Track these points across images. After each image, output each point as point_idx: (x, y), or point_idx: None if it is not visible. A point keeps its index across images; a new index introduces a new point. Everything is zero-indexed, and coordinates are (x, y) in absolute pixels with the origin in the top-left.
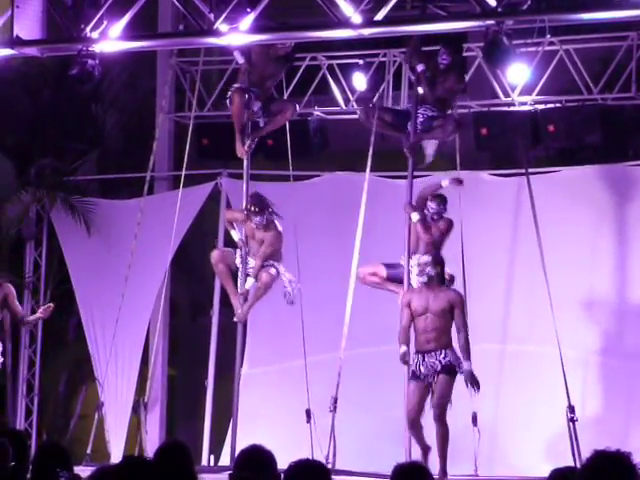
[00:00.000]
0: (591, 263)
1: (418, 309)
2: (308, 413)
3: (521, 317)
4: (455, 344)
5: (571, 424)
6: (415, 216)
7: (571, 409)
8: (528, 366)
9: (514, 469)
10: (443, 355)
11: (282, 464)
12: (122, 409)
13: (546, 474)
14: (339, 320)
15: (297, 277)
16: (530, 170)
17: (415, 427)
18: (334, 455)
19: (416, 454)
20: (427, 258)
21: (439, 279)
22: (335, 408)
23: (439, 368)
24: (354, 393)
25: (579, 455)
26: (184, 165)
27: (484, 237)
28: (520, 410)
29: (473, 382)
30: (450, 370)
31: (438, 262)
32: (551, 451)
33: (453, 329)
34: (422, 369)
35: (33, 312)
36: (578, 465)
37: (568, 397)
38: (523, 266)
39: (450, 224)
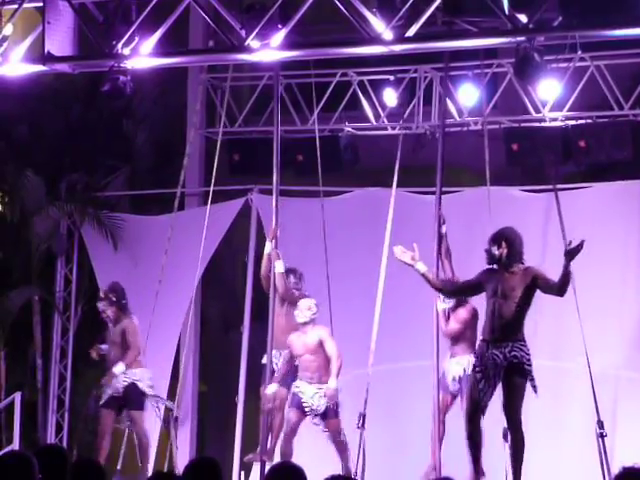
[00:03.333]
0: (620, 279)
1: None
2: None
3: (550, 332)
4: None
5: (600, 439)
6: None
7: (600, 424)
8: (556, 381)
9: None
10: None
11: None
12: (152, 424)
13: None
14: (367, 336)
15: (327, 293)
16: (560, 186)
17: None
18: (363, 471)
19: (446, 469)
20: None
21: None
22: (363, 425)
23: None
24: (381, 409)
25: (608, 471)
26: (212, 181)
27: None
28: (548, 425)
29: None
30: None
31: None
32: (580, 467)
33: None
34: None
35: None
36: None
37: (597, 412)
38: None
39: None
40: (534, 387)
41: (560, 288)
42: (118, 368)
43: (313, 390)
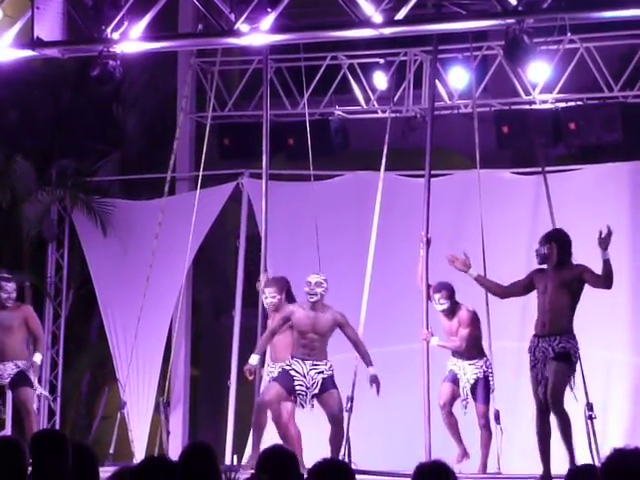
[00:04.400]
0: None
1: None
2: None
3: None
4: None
5: (589, 421)
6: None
7: (589, 406)
8: None
9: (534, 467)
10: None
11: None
12: (144, 409)
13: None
14: (357, 318)
15: None
16: (550, 168)
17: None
18: (349, 455)
19: (435, 452)
20: None
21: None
22: (351, 408)
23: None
24: (370, 392)
25: (597, 453)
26: (201, 165)
27: (504, 235)
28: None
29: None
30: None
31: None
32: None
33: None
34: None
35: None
36: (597, 463)
37: (586, 394)
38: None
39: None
40: (572, 378)
41: (606, 280)
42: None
43: (308, 367)
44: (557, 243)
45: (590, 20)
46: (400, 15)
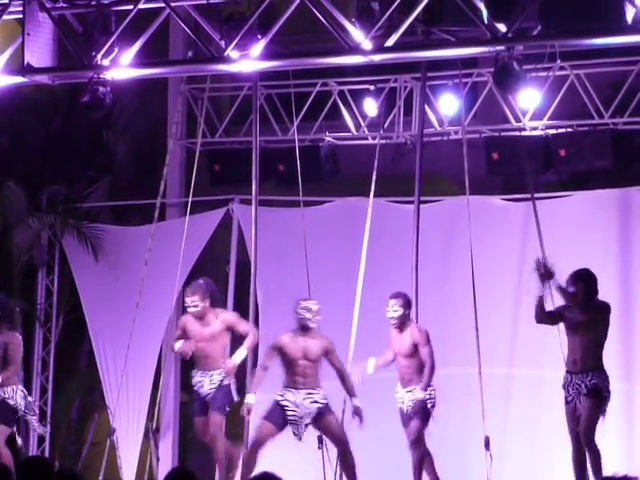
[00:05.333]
0: (600, 288)
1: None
2: (320, 439)
3: (529, 341)
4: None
5: None
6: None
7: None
8: (535, 390)
9: None
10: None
11: None
12: (134, 435)
13: None
14: (346, 344)
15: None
16: (540, 195)
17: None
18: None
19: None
20: None
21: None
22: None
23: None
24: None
25: None
26: (191, 191)
27: (494, 261)
28: (528, 435)
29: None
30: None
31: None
32: (558, 476)
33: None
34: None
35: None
36: None
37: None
38: (531, 291)
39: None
40: (603, 412)
41: None
42: None
43: (302, 396)
44: (585, 282)
45: (580, 47)
46: (390, 42)
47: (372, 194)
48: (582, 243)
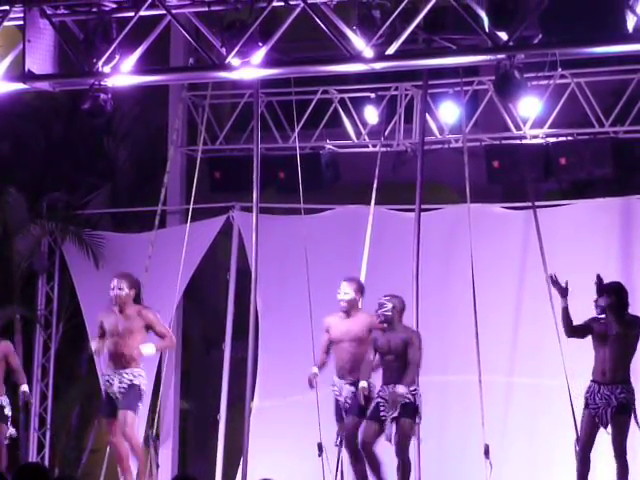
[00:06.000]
0: None
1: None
2: (320, 447)
3: (528, 349)
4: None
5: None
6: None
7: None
8: (536, 398)
9: None
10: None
11: None
12: None
13: None
14: None
15: (309, 311)
16: (541, 203)
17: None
18: None
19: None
20: None
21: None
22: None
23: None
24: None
25: None
26: (192, 199)
27: (494, 270)
28: (527, 443)
29: None
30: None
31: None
32: None
33: None
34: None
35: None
36: None
37: (576, 430)
38: (532, 299)
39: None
40: (638, 423)
41: None
42: None
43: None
44: (616, 295)
45: (581, 56)
46: (391, 50)
47: (373, 202)
48: (583, 251)
